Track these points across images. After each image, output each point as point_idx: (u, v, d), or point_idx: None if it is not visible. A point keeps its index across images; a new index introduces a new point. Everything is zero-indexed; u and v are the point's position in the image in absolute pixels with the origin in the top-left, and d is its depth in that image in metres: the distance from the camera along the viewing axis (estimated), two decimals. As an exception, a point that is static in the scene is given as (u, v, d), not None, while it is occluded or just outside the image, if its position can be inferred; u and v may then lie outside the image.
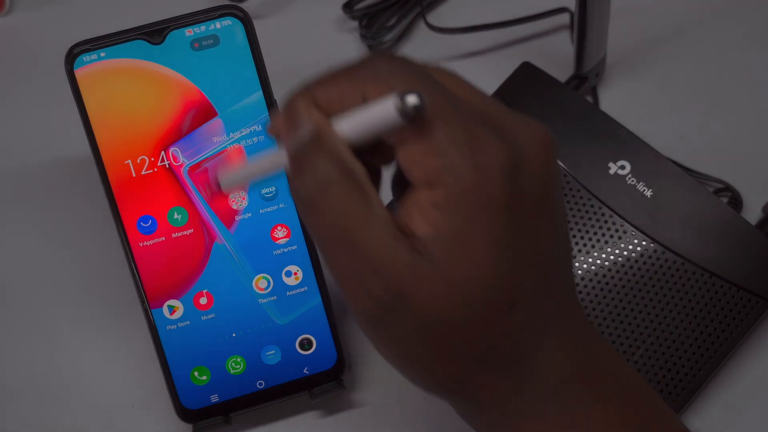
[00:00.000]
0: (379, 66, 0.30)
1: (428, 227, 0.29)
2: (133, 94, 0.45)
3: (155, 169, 0.46)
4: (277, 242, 0.47)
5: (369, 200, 0.30)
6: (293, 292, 0.47)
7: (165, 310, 0.47)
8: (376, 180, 0.33)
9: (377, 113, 0.29)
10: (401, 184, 0.32)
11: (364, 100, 0.30)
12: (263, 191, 0.46)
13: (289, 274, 0.47)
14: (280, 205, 0.47)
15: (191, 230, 0.46)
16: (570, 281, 0.32)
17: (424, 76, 0.30)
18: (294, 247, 0.47)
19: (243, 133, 0.46)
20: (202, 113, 0.46)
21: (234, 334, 0.47)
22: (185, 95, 0.46)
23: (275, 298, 0.47)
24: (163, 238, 0.46)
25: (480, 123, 0.29)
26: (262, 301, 0.47)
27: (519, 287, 0.30)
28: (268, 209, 0.47)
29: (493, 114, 0.30)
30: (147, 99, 0.46)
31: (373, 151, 0.32)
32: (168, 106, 0.46)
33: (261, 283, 0.47)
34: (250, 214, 0.47)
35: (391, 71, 0.30)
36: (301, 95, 0.31)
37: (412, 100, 0.28)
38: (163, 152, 0.46)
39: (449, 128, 0.29)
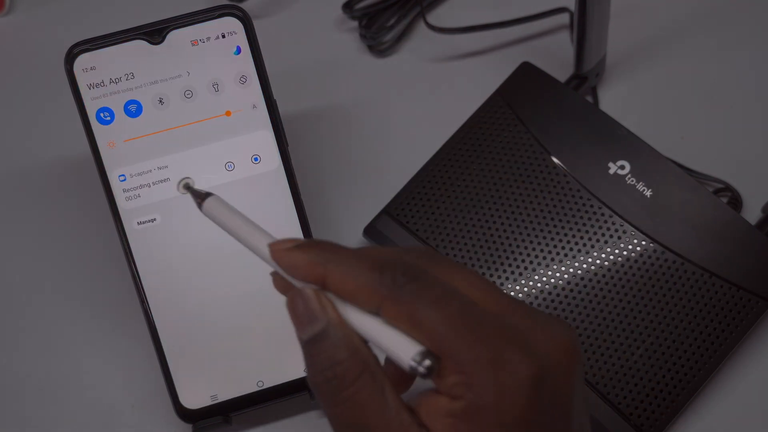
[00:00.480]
0: (401, 284, 0.31)
1: (443, 431, 0.30)
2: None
3: (155, 169, 0.46)
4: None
5: (383, 390, 0.31)
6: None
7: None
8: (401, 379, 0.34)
9: (392, 351, 0.31)
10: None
11: (378, 308, 0.31)
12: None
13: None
14: (280, 205, 0.47)
15: (191, 230, 0.47)
16: None
17: (446, 298, 0.31)
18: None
19: (242, 133, 0.46)
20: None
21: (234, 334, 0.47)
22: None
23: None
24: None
25: (504, 338, 0.30)
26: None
27: None
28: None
29: (517, 323, 0.31)
30: (147, 99, 0.46)
31: None
32: (168, 106, 0.46)
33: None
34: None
35: (414, 295, 0.31)
36: (313, 270, 0.32)
37: (425, 366, 0.30)
38: (163, 152, 0.46)
39: (472, 348, 0.30)
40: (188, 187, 0.37)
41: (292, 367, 0.47)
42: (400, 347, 0.31)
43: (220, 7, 0.45)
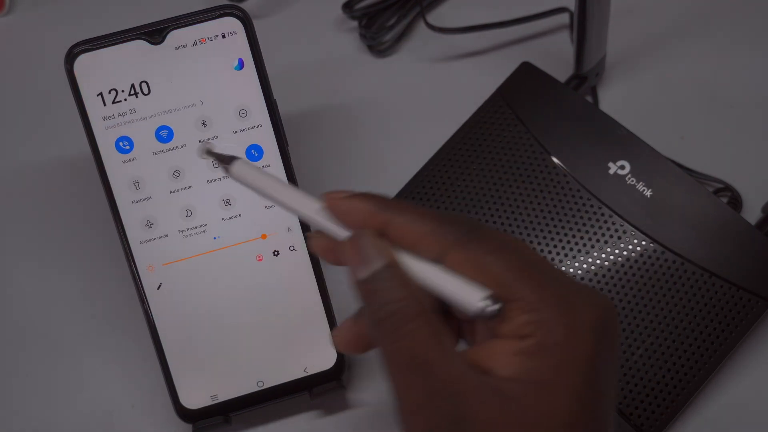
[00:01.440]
0: (466, 232, 0.32)
1: (509, 369, 0.31)
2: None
3: (155, 169, 0.46)
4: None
5: (440, 333, 0.32)
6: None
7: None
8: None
9: (457, 295, 0.32)
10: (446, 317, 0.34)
11: (441, 255, 0.32)
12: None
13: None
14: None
15: (191, 230, 0.47)
16: None
17: (508, 247, 0.32)
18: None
19: (240, 132, 0.46)
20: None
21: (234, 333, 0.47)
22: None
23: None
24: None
25: (567, 286, 0.32)
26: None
27: None
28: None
29: (569, 281, 0.33)
30: (147, 99, 0.46)
31: None
32: (168, 106, 0.46)
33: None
34: (240, 215, 0.47)
35: (480, 241, 0.32)
36: (375, 216, 0.33)
37: (491, 309, 0.31)
38: (163, 152, 0.46)
39: (540, 289, 0.31)
40: (210, 152, 0.36)
41: (292, 367, 0.47)
42: (465, 292, 0.32)
43: (220, 7, 0.45)
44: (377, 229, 0.33)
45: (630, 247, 0.48)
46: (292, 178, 0.47)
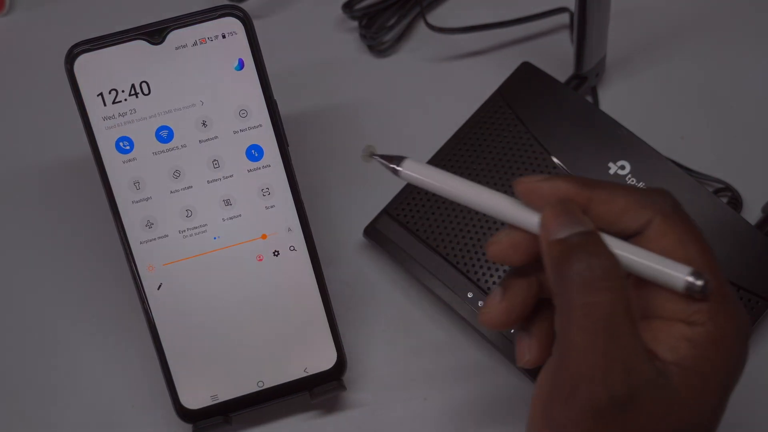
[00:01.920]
0: (671, 204, 0.33)
1: (673, 355, 0.32)
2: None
3: (155, 169, 0.46)
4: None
5: (634, 304, 0.32)
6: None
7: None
8: None
9: (660, 268, 0.32)
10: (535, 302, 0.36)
11: (644, 226, 0.33)
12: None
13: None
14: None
15: (191, 230, 0.47)
16: None
17: (703, 236, 0.33)
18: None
19: (240, 133, 0.46)
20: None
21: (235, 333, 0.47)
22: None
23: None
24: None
25: (735, 294, 0.33)
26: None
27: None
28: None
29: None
30: (147, 99, 0.46)
31: None
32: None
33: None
34: (240, 215, 0.47)
35: (685, 217, 0.33)
36: (578, 194, 0.33)
37: (700, 285, 0.32)
38: (163, 152, 0.46)
39: (721, 282, 0.32)
40: (373, 155, 0.37)
41: (292, 367, 0.47)
42: (673, 265, 0.32)
43: (220, 7, 0.45)
44: (583, 206, 0.33)
45: (630, 247, 0.48)
46: (292, 178, 0.47)
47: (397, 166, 0.36)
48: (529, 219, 0.34)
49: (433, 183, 0.36)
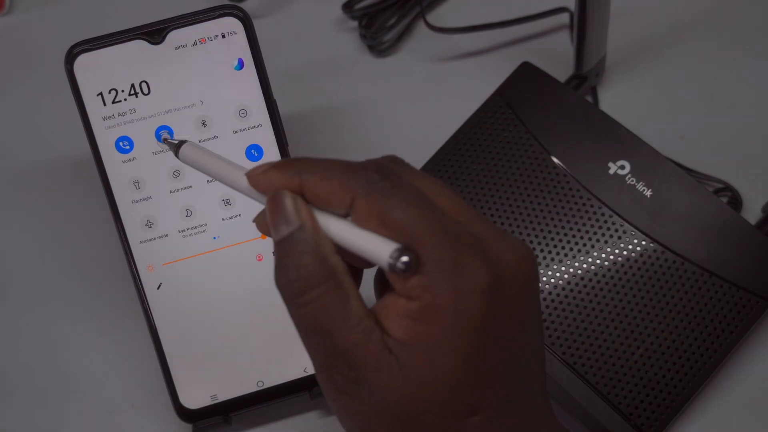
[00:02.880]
0: (374, 181, 0.32)
1: (400, 332, 0.31)
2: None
3: (155, 169, 0.46)
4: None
5: (347, 298, 0.32)
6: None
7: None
8: (356, 275, 0.35)
9: (368, 249, 0.31)
10: (382, 282, 0.34)
11: (350, 207, 0.32)
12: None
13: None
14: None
15: (191, 230, 0.47)
16: (542, 395, 0.34)
17: (415, 198, 0.31)
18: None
19: (240, 132, 0.46)
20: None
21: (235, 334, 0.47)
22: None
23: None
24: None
25: (466, 244, 0.31)
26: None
27: (481, 395, 0.31)
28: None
29: (478, 232, 0.32)
30: (147, 99, 0.46)
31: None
32: (168, 106, 0.46)
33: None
34: (240, 214, 0.47)
35: (384, 192, 0.31)
36: (290, 182, 0.33)
37: (402, 262, 0.30)
38: (163, 152, 0.46)
39: (435, 249, 0.31)
40: (165, 140, 0.39)
41: (292, 367, 0.47)
42: (377, 246, 0.31)
43: (220, 7, 0.45)
44: (297, 193, 0.33)
45: (630, 247, 0.48)
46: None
47: (177, 149, 0.37)
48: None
49: (204, 166, 0.36)
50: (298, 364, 0.47)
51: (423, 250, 0.30)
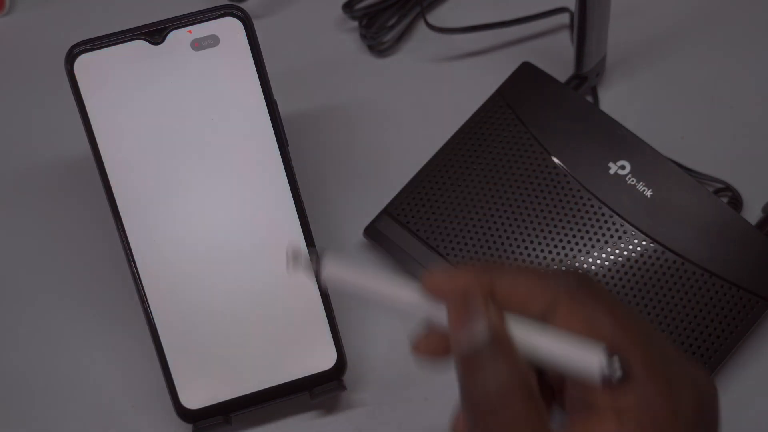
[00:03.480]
0: (575, 286, 0.30)
1: None
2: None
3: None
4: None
5: (542, 415, 0.29)
6: (293, 292, 0.47)
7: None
8: (545, 393, 0.33)
9: (574, 358, 0.29)
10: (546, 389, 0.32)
11: (548, 312, 0.30)
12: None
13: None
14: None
15: (191, 230, 0.47)
16: None
17: (620, 308, 0.30)
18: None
19: (240, 131, 0.46)
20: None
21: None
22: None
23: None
24: (163, 238, 0.46)
25: (672, 360, 0.29)
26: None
27: None
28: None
29: (676, 355, 0.30)
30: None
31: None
32: (168, 106, 0.46)
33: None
34: (240, 215, 0.47)
35: (591, 296, 0.29)
36: (480, 283, 0.31)
37: (618, 372, 0.28)
38: (163, 152, 0.46)
39: (648, 363, 0.29)
40: (296, 257, 0.34)
41: (292, 367, 0.47)
42: (585, 353, 0.29)
43: (220, 7, 0.45)
44: (487, 295, 0.31)
45: (630, 247, 0.48)
46: (292, 178, 0.47)
47: (318, 267, 0.33)
48: (443, 316, 0.32)
49: (358, 285, 0.33)
50: (298, 364, 0.47)
51: (636, 360, 0.29)
